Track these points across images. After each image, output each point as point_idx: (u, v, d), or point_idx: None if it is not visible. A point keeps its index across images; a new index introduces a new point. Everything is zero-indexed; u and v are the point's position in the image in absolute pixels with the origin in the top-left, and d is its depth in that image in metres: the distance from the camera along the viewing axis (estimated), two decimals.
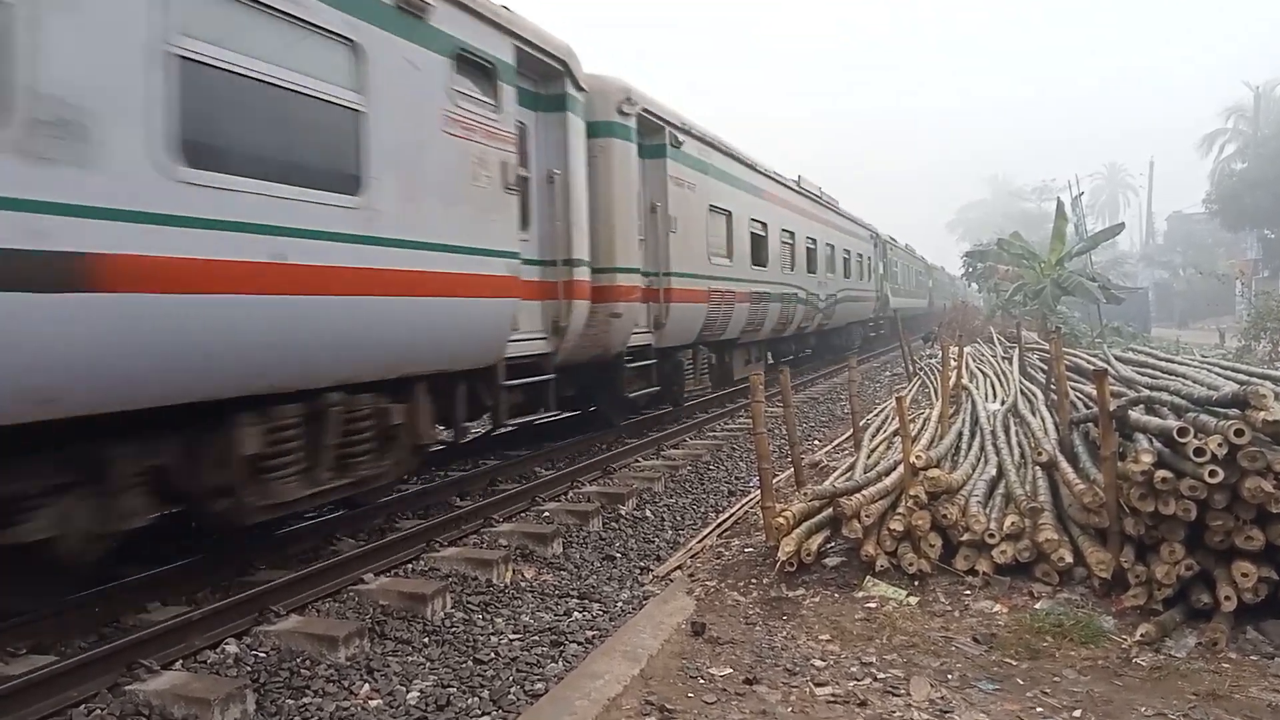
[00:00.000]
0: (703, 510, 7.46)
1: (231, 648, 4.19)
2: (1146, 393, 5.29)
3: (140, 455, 4.29)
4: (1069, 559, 4.60)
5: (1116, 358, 8.59)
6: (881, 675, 3.78)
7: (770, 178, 14.71)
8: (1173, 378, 6.21)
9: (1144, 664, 3.82)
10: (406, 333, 5.62)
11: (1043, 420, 6.87)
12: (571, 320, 7.62)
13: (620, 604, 5.11)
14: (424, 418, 6.05)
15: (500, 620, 4.81)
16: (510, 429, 7.85)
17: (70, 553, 4.02)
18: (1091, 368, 6.82)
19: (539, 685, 3.95)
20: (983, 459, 6.03)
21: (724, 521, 6.69)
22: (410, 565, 5.52)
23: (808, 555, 5.03)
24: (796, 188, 16.53)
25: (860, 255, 22.72)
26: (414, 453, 6.07)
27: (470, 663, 4.23)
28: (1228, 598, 3.97)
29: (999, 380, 10.19)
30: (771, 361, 16.15)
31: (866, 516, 4.97)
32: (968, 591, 4.68)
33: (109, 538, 4.18)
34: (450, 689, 3.93)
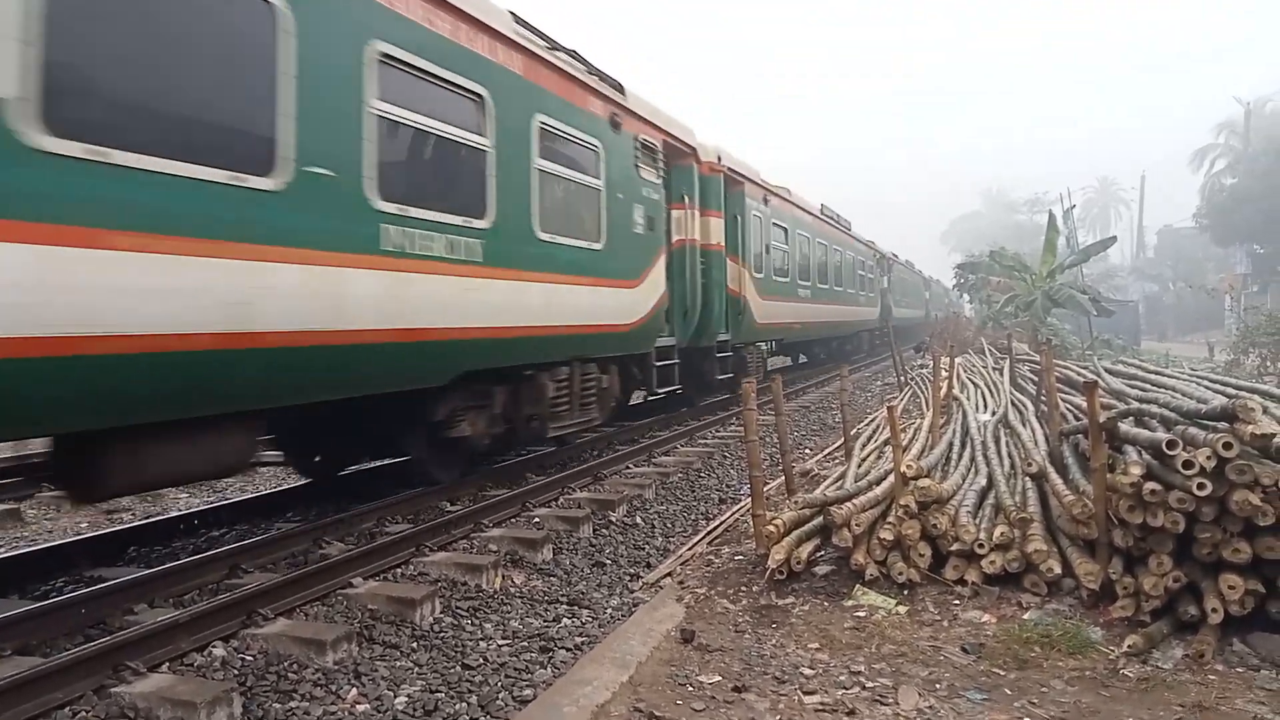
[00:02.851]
0: (693, 517, 7.46)
1: (218, 651, 4.16)
2: (1136, 405, 5.31)
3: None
4: (1058, 570, 4.61)
5: (1107, 370, 8.62)
6: (870, 684, 3.78)
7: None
8: (1162, 390, 6.22)
9: (1131, 675, 3.84)
10: (847, 322, 22.99)
11: (1033, 431, 6.89)
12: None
13: (610, 610, 5.10)
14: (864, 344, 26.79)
15: (489, 626, 4.79)
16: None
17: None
18: (1082, 380, 6.86)
19: (527, 691, 3.94)
20: (973, 469, 6.04)
21: (714, 529, 6.69)
22: (399, 569, 5.50)
23: (798, 563, 5.03)
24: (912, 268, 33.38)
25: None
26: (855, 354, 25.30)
27: (459, 668, 4.22)
28: (1215, 610, 3.99)
29: (990, 391, 10.23)
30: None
31: (857, 525, 4.98)
32: (956, 601, 4.69)
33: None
34: (438, 694, 3.91)
